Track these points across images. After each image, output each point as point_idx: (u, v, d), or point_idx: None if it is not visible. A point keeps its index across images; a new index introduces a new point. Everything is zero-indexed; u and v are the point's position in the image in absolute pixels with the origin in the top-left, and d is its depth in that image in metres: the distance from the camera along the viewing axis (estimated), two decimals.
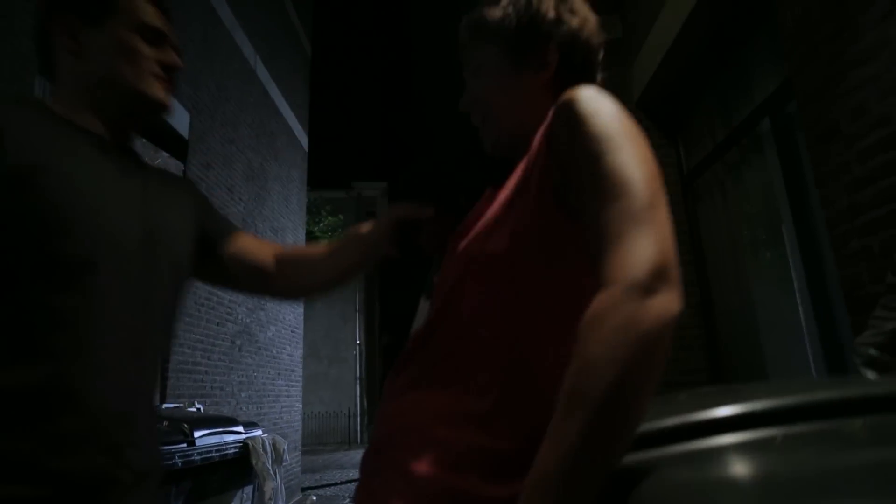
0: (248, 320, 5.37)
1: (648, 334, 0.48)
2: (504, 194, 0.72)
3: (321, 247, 1.05)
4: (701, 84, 3.01)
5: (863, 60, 1.40)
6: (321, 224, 10.78)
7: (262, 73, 6.21)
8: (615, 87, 3.62)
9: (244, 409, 5.11)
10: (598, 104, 0.64)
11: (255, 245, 1.03)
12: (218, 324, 4.68)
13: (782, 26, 1.76)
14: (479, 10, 0.84)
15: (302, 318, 7.39)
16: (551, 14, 0.79)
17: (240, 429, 2.69)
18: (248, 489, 2.69)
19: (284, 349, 6.49)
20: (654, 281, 0.50)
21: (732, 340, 2.84)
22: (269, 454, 2.77)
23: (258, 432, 2.85)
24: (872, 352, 0.94)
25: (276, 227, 6.50)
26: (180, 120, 4.11)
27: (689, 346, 3.00)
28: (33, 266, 0.71)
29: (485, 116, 0.83)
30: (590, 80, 0.81)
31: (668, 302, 0.50)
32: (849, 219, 1.48)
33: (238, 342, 5.10)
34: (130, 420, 0.76)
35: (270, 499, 2.68)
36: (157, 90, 0.86)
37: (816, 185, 1.63)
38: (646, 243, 0.53)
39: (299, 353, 7.15)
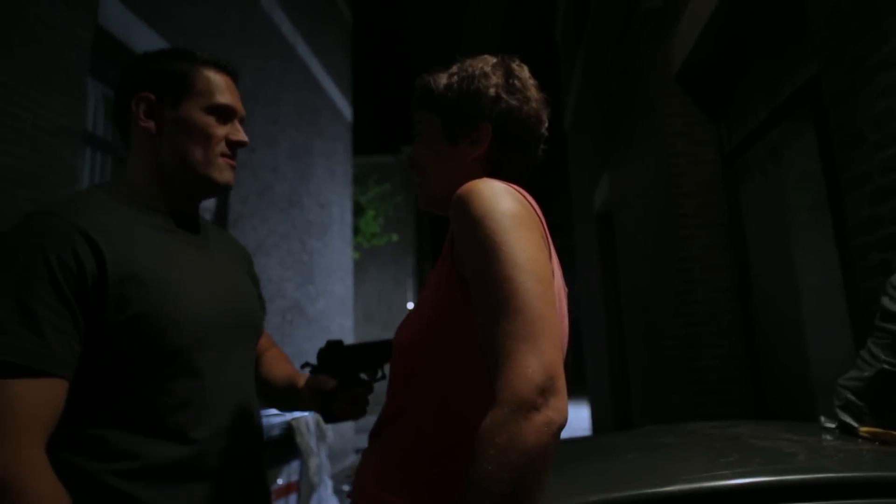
0: (297, 295, 5.63)
1: (530, 452, 0.55)
2: (429, 280, 0.78)
3: (281, 370, 1.11)
4: (743, 58, 2.84)
5: (888, 66, 1.31)
6: (368, 194, 10.94)
7: (303, 49, 6.27)
8: (653, 62, 3.47)
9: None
10: (488, 205, 0.67)
11: (263, 341, 1.14)
12: (268, 300, 4.95)
13: (813, 19, 1.64)
14: (429, 76, 0.88)
15: (351, 289, 7.65)
16: (490, 92, 0.82)
17: None
18: (295, 464, 2.91)
19: (335, 320, 6.78)
20: (537, 397, 0.57)
21: (772, 327, 2.76)
22: (313, 432, 2.98)
23: (303, 412, 3.05)
24: (850, 396, 0.94)
25: (323, 202, 6.69)
26: None
27: (724, 331, 2.95)
28: (150, 361, 0.80)
29: (422, 176, 0.88)
30: (524, 156, 0.84)
31: (550, 416, 0.57)
32: (869, 230, 1.41)
33: (289, 317, 5.38)
34: (239, 465, 0.89)
35: (315, 473, 2.90)
36: (224, 173, 0.92)
37: (841, 192, 1.56)
38: (531, 361, 0.58)
39: (349, 322, 7.45)
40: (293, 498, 2.90)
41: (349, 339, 7.34)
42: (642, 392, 4.20)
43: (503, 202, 0.67)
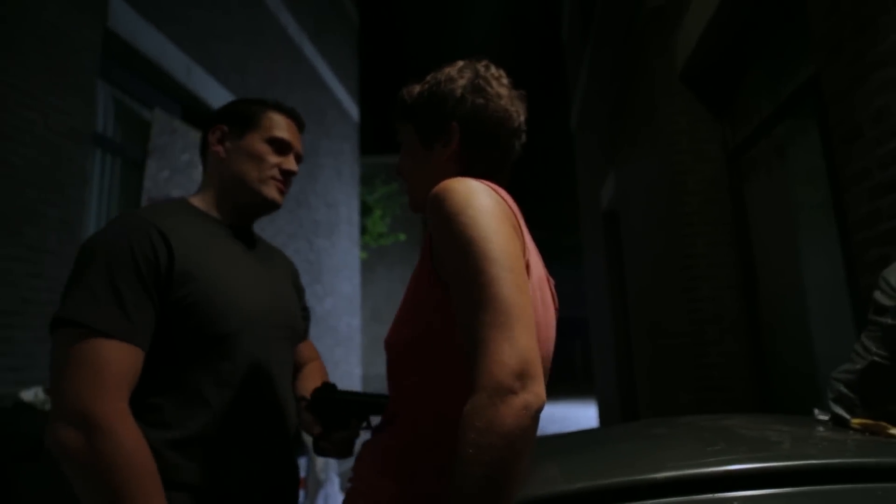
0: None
1: (509, 434, 0.58)
2: (411, 279, 0.81)
3: (305, 387, 1.20)
4: (747, 55, 2.84)
5: (884, 62, 1.31)
6: (375, 194, 10.98)
7: (310, 50, 6.31)
8: (657, 60, 3.47)
9: None
10: (461, 201, 0.69)
11: (304, 350, 1.26)
12: None
13: (812, 16, 1.64)
14: (404, 89, 0.93)
15: (359, 288, 7.69)
16: (457, 93, 0.86)
17: None
18: (302, 461, 2.94)
19: (342, 319, 6.82)
20: (514, 382, 0.59)
21: (777, 324, 2.76)
22: None
23: None
24: (843, 389, 0.95)
25: (330, 202, 6.73)
26: None
27: (730, 328, 2.94)
28: (199, 343, 0.94)
29: (409, 185, 0.92)
30: (495, 152, 0.87)
31: (528, 399, 0.60)
32: (869, 225, 1.42)
33: None
34: (269, 447, 0.99)
35: (322, 470, 2.93)
36: (272, 192, 1.09)
37: (841, 189, 1.56)
38: (506, 348, 0.61)
39: (357, 321, 7.49)
40: (301, 494, 2.93)
41: (356, 339, 7.38)
42: (649, 390, 4.20)
43: (474, 198, 0.70)
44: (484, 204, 0.70)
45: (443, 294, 0.73)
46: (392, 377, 0.81)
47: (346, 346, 6.86)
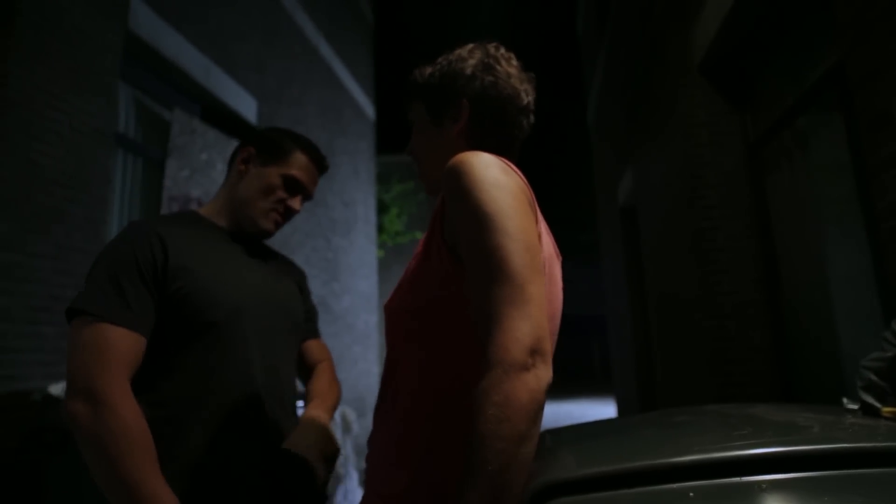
0: (322, 292, 5.72)
1: (525, 408, 0.59)
2: (418, 249, 0.81)
3: (310, 388, 1.27)
4: (768, 44, 2.79)
5: None
6: (392, 193, 11.02)
7: (326, 50, 6.36)
8: (675, 52, 3.43)
9: None
10: (479, 175, 0.69)
11: (314, 349, 1.32)
12: None
13: None
14: (416, 70, 0.95)
15: (376, 285, 7.73)
16: (467, 72, 0.88)
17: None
18: None
19: (359, 317, 6.86)
20: (527, 358, 0.61)
21: (801, 318, 2.71)
22: (339, 425, 3.03)
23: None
24: (872, 377, 0.93)
25: (347, 201, 6.77)
26: (248, 107, 4.35)
27: (752, 323, 2.90)
28: (191, 330, 1.04)
29: (420, 164, 0.94)
30: (505, 129, 0.89)
31: (539, 375, 0.61)
32: None
33: None
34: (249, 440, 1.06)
35: (341, 465, 2.95)
36: (268, 224, 1.19)
37: (868, 177, 1.53)
38: (520, 325, 0.62)
39: (374, 319, 7.52)
40: None
41: (373, 337, 7.40)
42: (669, 387, 4.15)
43: (491, 172, 0.70)
44: (501, 179, 0.70)
45: (452, 268, 0.74)
46: (391, 345, 0.82)
47: (363, 344, 6.90)
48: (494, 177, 0.70)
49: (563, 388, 16.70)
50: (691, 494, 0.56)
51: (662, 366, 4.34)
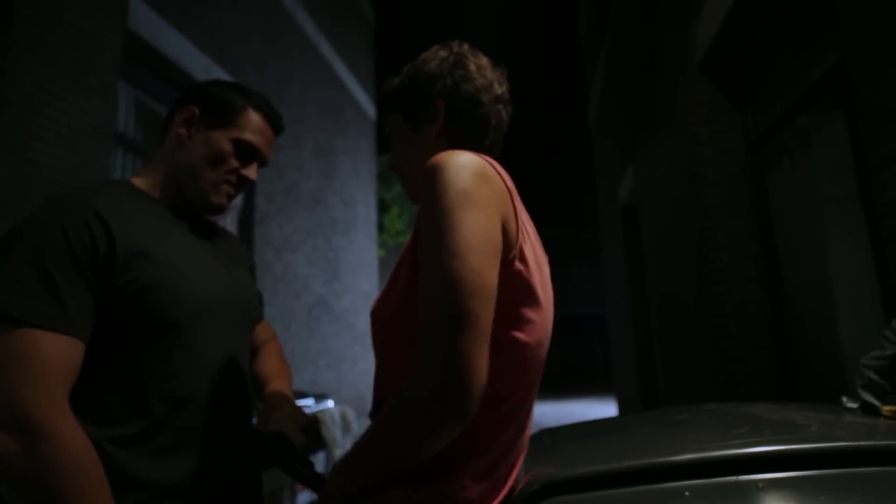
0: (323, 291, 5.72)
1: (413, 444, 0.64)
2: (403, 252, 0.81)
3: (263, 369, 1.16)
4: (769, 42, 2.78)
5: None
6: (392, 192, 11.02)
7: (326, 49, 6.35)
8: (676, 50, 3.41)
9: (323, 375, 5.51)
10: (449, 178, 0.68)
11: (260, 332, 1.19)
12: (295, 297, 5.03)
13: None
14: (385, 82, 0.95)
15: (377, 285, 7.72)
16: (435, 71, 0.87)
17: (310, 402, 2.95)
18: (321, 455, 2.97)
19: (360, 316, 6.85)
20: (432, 401, 0.62)
21: (802, 318, 2.70)
22: (339, 425, 3.03)
23: (329, 404, 3.11)
24: (872, 375, 0.92)
25: (347, 200, 6.77)
26: None
27: (752, 322, 2.89)
28: (150, 331, 0.86)
29: (404, 174, 0.93)
30: (483, 122, 0.88)
31: (442, 414, 0.62)
32: None
33: (315, 312, 5.46)
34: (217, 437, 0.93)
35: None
36: (220, 198, 1.00)
37: (869, 174, 1.52)
38: (432, 363, 0.62)
39: None
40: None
41: None
42: (670, 387, 4.14)
43: (461, 177, 0.68)
44: (468, 186, 0.67)
45: (416, 278, 0.73)
46: (375, 351, 0.81)
47: (363, 344, 6.89)
48: (463, 182, 0.67)
49: (564, 388, 16.68)
50: (687, 493, 0.56)
51: (664, 365, 4.33)
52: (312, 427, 1.01)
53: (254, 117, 1.00)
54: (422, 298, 0.65)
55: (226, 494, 0.91)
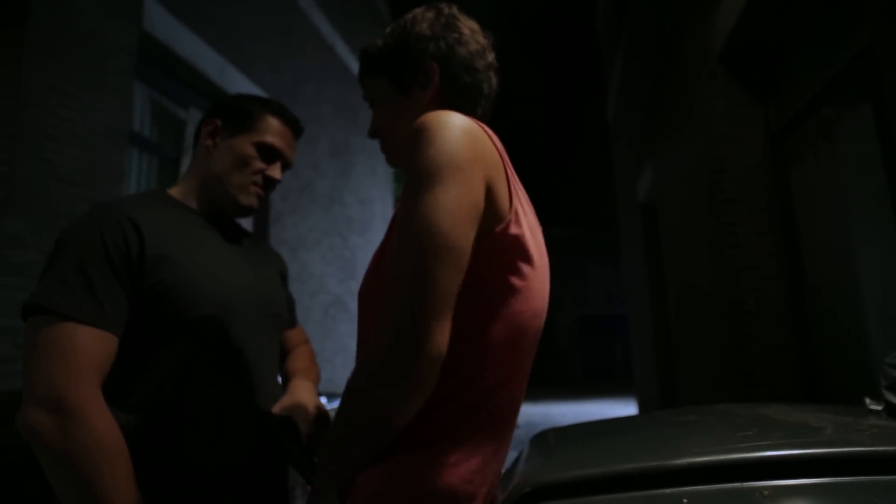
0: (339, 290, 5.73)
1: (383, 412, 0.62)
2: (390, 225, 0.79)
3: (290, 368, 1.20)
4: (791, 31, 2.69)
5: None
6: None
7: (342, 48, 6.36)
8: (695, 42, 3.33)
9: (340, 373, 5.52)
10: (432, 136, 0.65)
11: (293, 336, 1.25)
12: (311, 296, 5.05)
13: None
14: (366, 43, 0.89)
15: None
16: (427, 33, 0.82)
17: (324, 400, 2.95)
18: None
19: None
20: (379, 368, 0.60)
21: (827, 317, 2.60)
22: None
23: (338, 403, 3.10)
24: None
25: (364, 199, 6.78)
26: None
27: (774, 321, 2.80)
28: (176, 328, 0.93)
29: (388, 140, 0.87)
30: (477, 88, 0.84)
31: (388, 385, 0.61)
32: None
33: (331, 311, 5.48)
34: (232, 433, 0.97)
35: None
36: (249, 199, 1.08)
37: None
38: (384, 329, 0.60)
39: None
40: None
41: None
42: (690, 387, 4.05)
43: (445, 136, 0.64)
44: (452, 146, 0.64)
45: None
46: (360, 331, 0.78)
47: None
48: (446, 144, 0.64)
49: (584, 388, 16.52)
50: (685, 501, 0.51)
51: (683, 365, 4.23)
52: (324, 419, 1.04)
53: (272, 121, 1.08)
54: (390, 261, 0.63)
55: (246, 485, 0.95)
